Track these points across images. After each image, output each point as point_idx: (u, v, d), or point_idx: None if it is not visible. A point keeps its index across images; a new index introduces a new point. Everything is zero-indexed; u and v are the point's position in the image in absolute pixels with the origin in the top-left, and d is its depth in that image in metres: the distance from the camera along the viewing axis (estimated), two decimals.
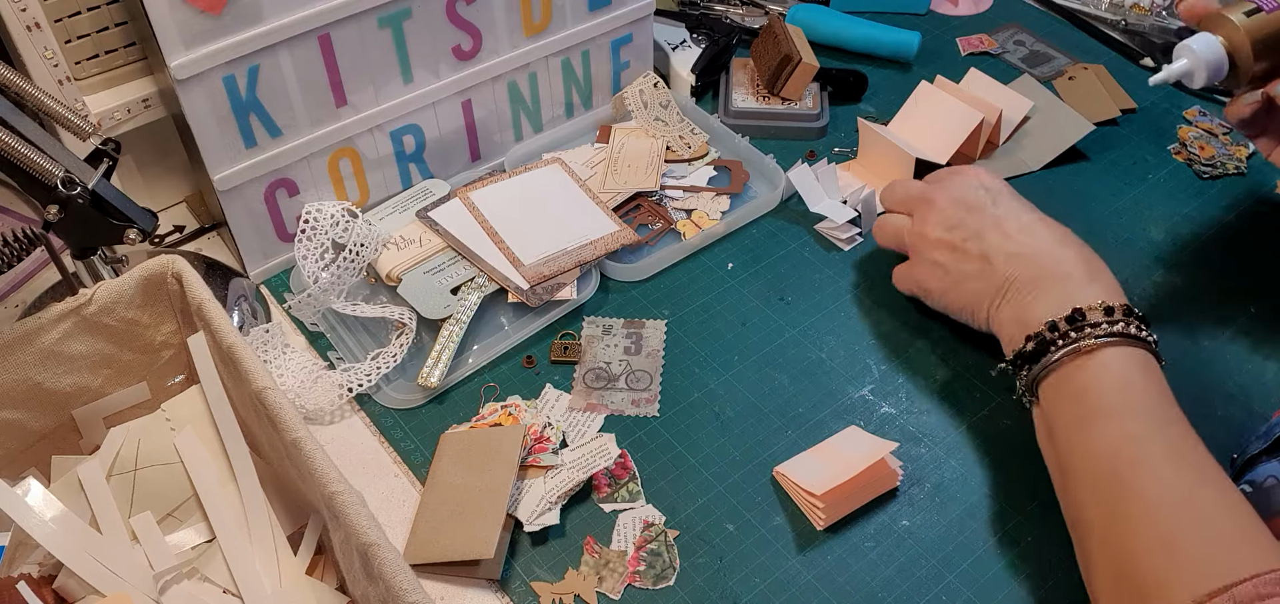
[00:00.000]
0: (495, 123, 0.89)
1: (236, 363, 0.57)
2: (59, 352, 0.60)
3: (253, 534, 0.59)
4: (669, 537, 0.64)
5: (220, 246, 0.85)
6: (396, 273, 0.77)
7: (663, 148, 0.91)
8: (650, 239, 0.84)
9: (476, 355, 0.75)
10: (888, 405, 0.72)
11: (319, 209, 0.77)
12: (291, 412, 0.53)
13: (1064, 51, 1.06)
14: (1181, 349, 0.75)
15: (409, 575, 0.46)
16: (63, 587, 0.56)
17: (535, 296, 0.77)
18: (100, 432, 0.62)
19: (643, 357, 0.75)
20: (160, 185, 0.87)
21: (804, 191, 0.86)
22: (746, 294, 0.80)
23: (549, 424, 0.69)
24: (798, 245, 0.85)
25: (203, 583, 0.57)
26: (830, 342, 0.77)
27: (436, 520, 0.63)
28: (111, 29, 0.76)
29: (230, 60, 0.71)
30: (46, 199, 0.61)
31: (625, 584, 0.62)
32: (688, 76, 0.98)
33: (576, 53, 0.91)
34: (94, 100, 0.77)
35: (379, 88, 0.80)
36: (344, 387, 0.72)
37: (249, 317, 0.77)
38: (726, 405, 0.72)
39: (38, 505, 0.57)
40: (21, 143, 0.59)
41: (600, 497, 0.66)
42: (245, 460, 0.60)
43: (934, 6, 1.14)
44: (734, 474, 0.68)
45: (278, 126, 0.76)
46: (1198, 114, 0.97)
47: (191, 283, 0.61)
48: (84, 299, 0.60)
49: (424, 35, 0.80)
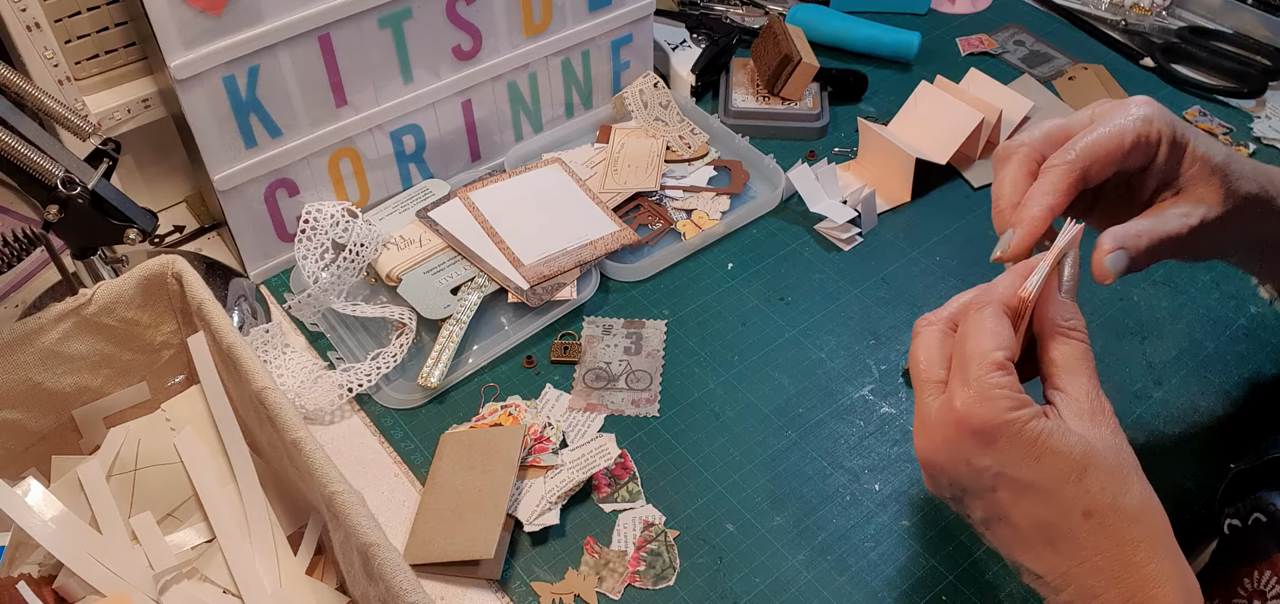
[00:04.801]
0: (495, 123, 0.89)
1: (236, 363, 0.57)
2: (59, 352, 0.60)
3: (253, 534, 0.59)
4: (669, 537, 0.64)
5: (220, 246, 0.85)
6: (396, 273, 0.77)
7: (663, 148, 0.91)
8: (650, 239, 0.84)
9: (476, 355, 0.75)
10: (888, 405, 0.72)
11: (319, 209, 0.77)
12: (291, 412, 0.53)
13: (1064, 51, 1.06)
14: (1182, 349, 0.75)
15: (409, 575, 0.46)
16: (63, 587, 0.56)
17: (535, 296, 0.77)
18: (100, 432, 0.62)
19: (643, 357, 0.75)
20: (160, 185, 0.87)
21: (804, 191, 0.86)
22: (746, 294, 0.80)
23: (549, 424, 0.69)
24: (798, 245, 0.85)
25: (203, 583, 0.57)
26: (830, 342, 0.77)
27: (436, 520, 0.63)
28: (111, 29, 0.76)
29: (230, 60, 0.71)
30: (46, 199, 0.61)
31: (625, 584, 0.62)
32: (688, 76, 0.98)
33: (576, 53, 0.91)
34: (94, 100, 0.77)
35: (379, 88, 0.80)
36: (344, 387, 0.71)
37: (249, 316, 0.77)
38: (726, 405, 0.72)
39: (38, 505, 0.57)
40: (21, 143, 0.59)
41: (600, 497, 0.66)
42: (245, 460, 0.60)
43: (934, 6, 1.14)
44: (734, 474, 0.68)
45: (278, 126, 0.76)
46: (1198, 114, 0.97)
47: (191, 283, 0.61)
48: (84, 299, 0.60)
49: (424, 35, 0.80)
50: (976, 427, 0.45)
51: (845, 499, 0.66)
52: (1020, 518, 0.46)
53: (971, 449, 0.46)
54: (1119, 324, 0.77)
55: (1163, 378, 0.73)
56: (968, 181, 0.91)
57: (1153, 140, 0.51)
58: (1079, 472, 0.45)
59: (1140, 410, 0.71)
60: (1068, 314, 0.49)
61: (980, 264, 0.82)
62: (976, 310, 0.48)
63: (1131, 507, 0.45)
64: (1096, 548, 0.45)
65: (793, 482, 0.67)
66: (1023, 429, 0.45)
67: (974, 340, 0.47)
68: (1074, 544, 0.45)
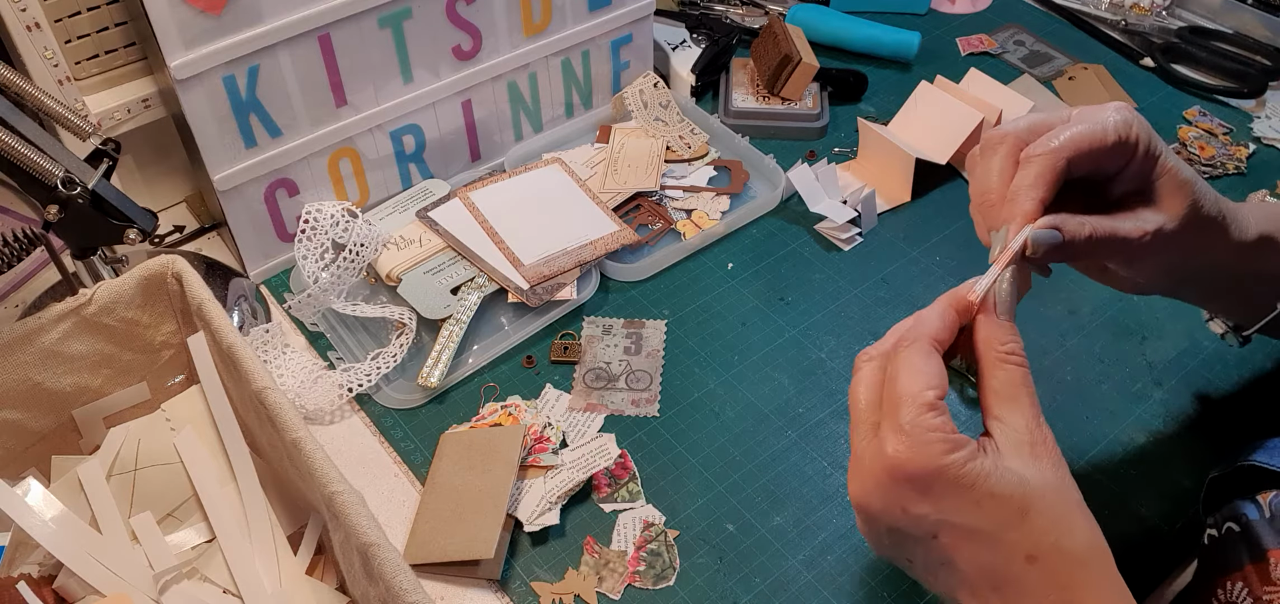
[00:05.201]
0: (495, 123, 0.89)
1: (236, 363, 0.57)
2: (59, 352, 0.60)
3: (253, 534, 0.59)
4: (669, 537, 0.64)
5: (220, 246, 0.85)
6: (396, 273, 0.77)
7: (663, 148, 0.91)
8: (650, 239, 0.84)
9: (476, 355, 0.75)
10: None
11: (319, 209, 0.77)
12: (291, 412, 0.53)
13: (1064, 51, 1.06)
14: (1182, 349, 0.75)
15: (409, 575, 0.46)
16: (63, 587, 0.56)
17: (535, 296, 0.77)
18: (100, 432, 0.62)
19: (643, 357, 0.75)
20: (160, 185, 0.87)
21: (804, 191, 0.86)
22: (746, 294, 0.80)
23: (549, 424, 0.69)
24: (798, 245, 0.85)
25: (203, 583, 0.57)
26: (830, 342, 0.77)
27: (436, 520, 0.63)
28: (111, 29, 0.76)
29: (230, 60, 0.71)
30: (46, 199, 0.61)
31: (625, 584, 0.62)
32: (688, 76, 0.98)
33: (576, 53, 0.91)
34: (94, 100, 0.77)
35: (379, 88, 0.80)
36: (344, 387, 0.71)
37: (249, 316, 0.77)
38: (726, 405, 0.72)
39: (38, 505, 0.57)
40: (21, 143, 0.59)
41: (600, 497, 0.66)
42: (245, 460, 0.60)
43: (934, 6, 1.14)
44: (734, 474, 0.68)
45: (278, 126, 0.76)
46: (1198, 114, 0.97)
47: (191, 283, 0.61)
48: (84, 299, 0.60)
49: (424, 35, 0.80)
50: (911, 474, 0.43)
51: (845, 499, 0.66)
52: (963, 563, 0.44)
53: (907, 497, 0.44)
54: (1119, 324, 0.77)
55: (1163, 378, 0.73)
56: (968, 182, 0.91)
57: (1132, 141, 0.50)
58: (1020, 514, 0.43)
59: (1140, 410, 0.71)
60: (1004, 337, 0.47)
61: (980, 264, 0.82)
62: (905, 348, 0.46)
63: (1077, 548, 0.43)
64: (1042, 593, 0.43)
65: (793, 482, 0.67)
66: (960, 473, 0.43)
67: (903, 381, 0.45)
68: (1019, 589, 0.44)
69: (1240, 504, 0.55)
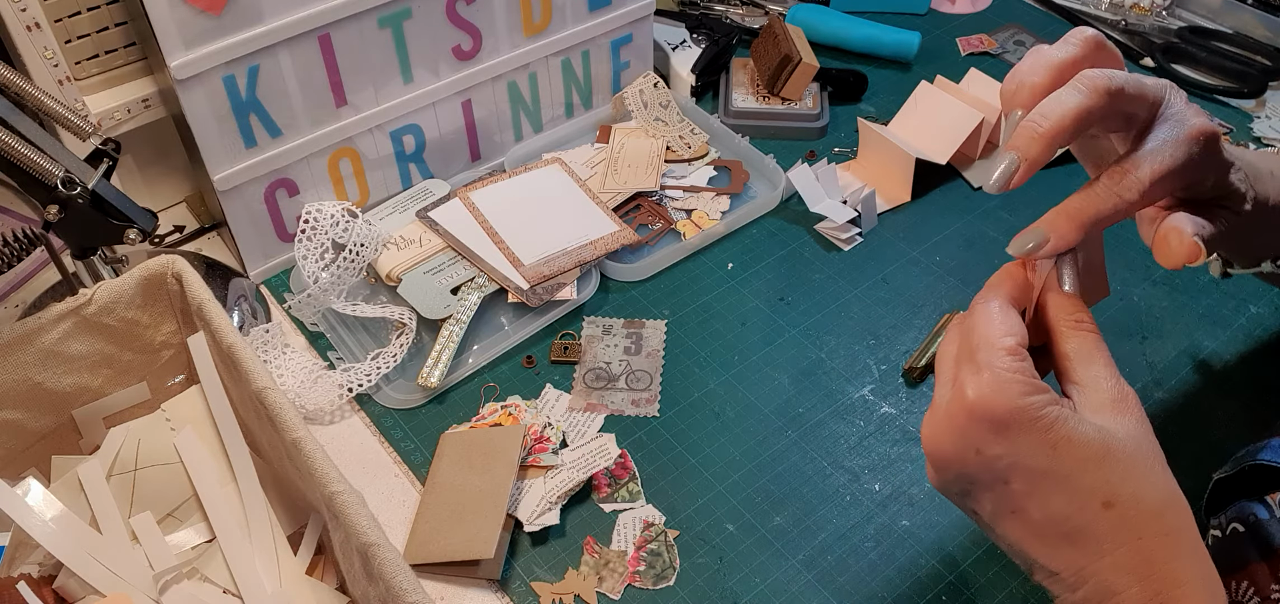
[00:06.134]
0: (495, 123, 0.89)
1: (236, 363, 0.57)
2: (59, 352, 0.60)
3: (253, 534, 0.59)
4: (669, 537, 0.64)
5: (220, 246, 0.85)
6: (396, 273, 0.77)
7: (663, 148, 0.91)
8: (650, 239, 0.84)
9: (476, 355, 0.75)
10: (888, 405, 0.72)
11: (319, 209, 0.77)
12: (291, 412, 0.53)
13: None
14: (1182, 349, 0.75)
15: (409, 575, 0.46)
16: (63, 587, 0.56)
17: (535, 296, 0.77)
18: (100, 432, 0.62)
19: (643, 357, 0.75)
20: (160, 185, 0.87)
21: (804, 191, 0.86)
22: (746, 294, 0.80)
23: (549, 424, 0.69)
24: (798, 245, 0.85)
25: (203, 583, 0.57)
26: (830, 342, 0.77)
27: (436, 520, 0.63)
28: (111, 29, 0.76)
29: (230, 60, 0.71)
30: (46, 199, 0.61)
31: (625, 584, 0.62)
32: (688, 76, 0.98)
33: (576, 53, 0.91)
34: (94, 100, 0.77)
35: (379, 88, 0.80)
36: (344, 387, 0.71)
37: (249, 316, 0.77)
38: (726, 405, 0.72)
39: (38, 505, 0.57)
40: (21, 143, 0.59)
41: (600, 497, 0.66)
42: (245, 460, 0.60)
43: (934, 6, 1.14)
44: (734, 474, 0.68)
45: (278, 126, 0.76)
46: None
47: (191, 283, 0.61)
48: (84, 299, 0.60)
49: (424, 35, 0.80)
50: (988, 414, 0.42)
51: (845, 499, 0.66)
52: (1034, 510, 0.43)
53: (982, 438, 0.43)
54: (1119, 324, 0.77)
55: (1163, 378, 0.73)
56: (968, 181, 0.91)
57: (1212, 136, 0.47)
58: (1099, 459, 0.42)
59: None
60: (1073, 307, 0.47)
61: (981, 264, 0.82)
62: (981, 302, 0.46)
63: (1155, 500, 0.42)
64: (1117, 542, 0.42)
65: (793, 482, 0.67)
66: (1038, 416, 0.42)
67: (982, 328, 0.44)
68: (1092, 538, 0.42)
69: (1247, 505, 0.55)
